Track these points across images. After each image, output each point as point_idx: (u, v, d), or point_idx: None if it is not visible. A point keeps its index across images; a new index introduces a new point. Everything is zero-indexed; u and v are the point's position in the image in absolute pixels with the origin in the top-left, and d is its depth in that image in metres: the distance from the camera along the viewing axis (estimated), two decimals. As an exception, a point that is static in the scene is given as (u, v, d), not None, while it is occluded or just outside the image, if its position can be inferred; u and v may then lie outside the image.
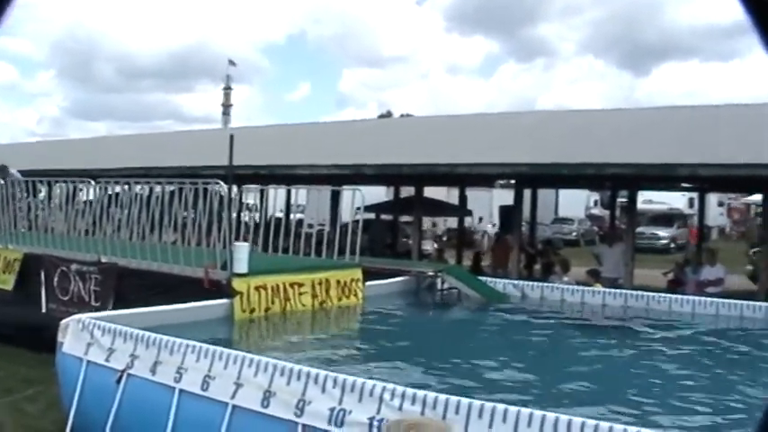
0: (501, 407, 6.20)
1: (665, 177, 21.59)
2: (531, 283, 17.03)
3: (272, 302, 12.73)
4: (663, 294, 15.77)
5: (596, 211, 52.15)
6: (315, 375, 7.16)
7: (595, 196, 52.53)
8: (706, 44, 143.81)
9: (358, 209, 17.16)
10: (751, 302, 14.91)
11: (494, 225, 38.99)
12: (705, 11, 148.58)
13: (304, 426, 6.99)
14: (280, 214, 22.98)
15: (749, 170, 17.58)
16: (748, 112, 23.12)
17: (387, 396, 6.70)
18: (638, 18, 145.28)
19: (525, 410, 6.12)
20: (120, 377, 8.54)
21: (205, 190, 13.43)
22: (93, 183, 16.24)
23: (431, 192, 29.02)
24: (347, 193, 18.23)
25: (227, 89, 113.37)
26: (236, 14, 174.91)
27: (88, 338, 9.21)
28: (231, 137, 13.86)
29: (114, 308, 12.50)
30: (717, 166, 17.96)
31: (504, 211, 29.56)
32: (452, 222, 35.55)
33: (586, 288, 16.19)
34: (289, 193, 24.80)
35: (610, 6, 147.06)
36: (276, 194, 19.62)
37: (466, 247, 29.42)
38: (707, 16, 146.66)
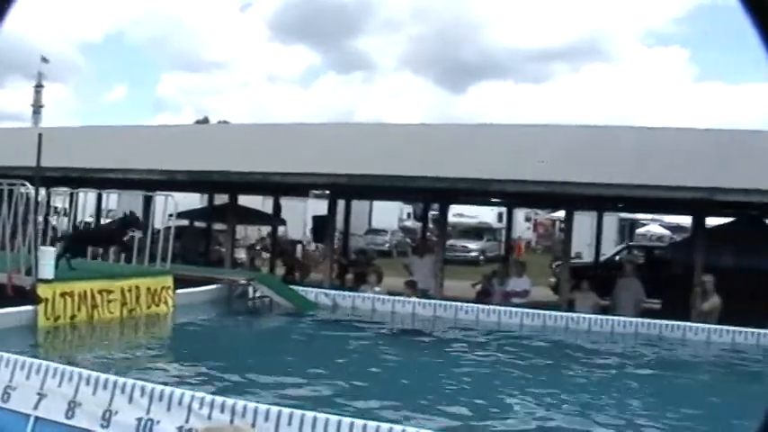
0: (310, 414, 6.27)
1: (475, 192, 22.21)
2: (342, 292, 17.23)
3: (79, 310, 12.41)
4: (470, 304, 16.28)
5: (409, 223, 52.93)
6: (122, 384, 7.02)
7: (409, 209, 53.35)
8: (520, 66, 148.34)
9: (170, 215, 16.92)
10: (552, 312, 15.64)
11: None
12: (521, 34, 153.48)
13: (111, 437, 6.84)
14: (90, 219, 22.39)
15: (553, 187, 18.35)
16: (554, 132, 24.13)
17: (195, 405, 6.65)
18: (457, 37, 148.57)
19: (333, 418, 6.21)
20: None
21: (10, 191, 12.98)
22: None
23: (247, 200, 28.84)
24: (160, 198, 17.94)
25: (39, 87, 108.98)
26: (52, 9, 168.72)
27: None
28: (40, 136, 13.43)
29: None
30: (524, 182, 18.64)
31: (318, 221, 29.67)
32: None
33: (397, 298, 16.50)
34: (99, 197, 24.19)
35: (430, 24, 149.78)
36: (86, 198, 19.04)
37: (279, 256, 29.36)
38: (522, 39, 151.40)
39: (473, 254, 43.88)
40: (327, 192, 23.54)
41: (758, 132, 23.36)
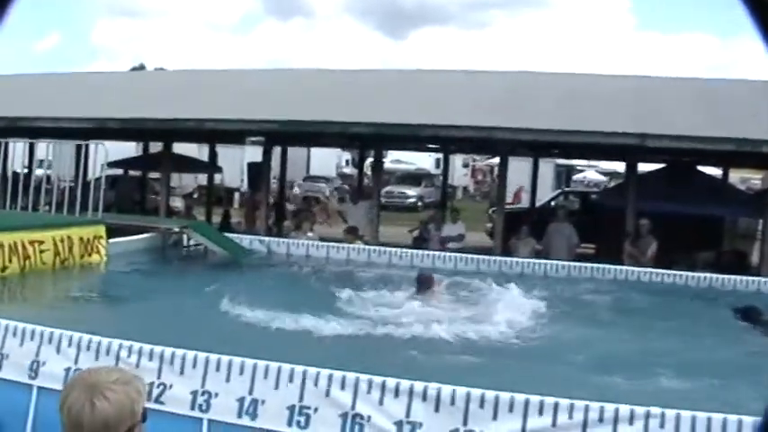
0: (237, 360, 6.32)
1: (407, 138, 22.34)
2: (277, 239, 17.30)
3: (10, 261, 12.24)
4: (405, 249, 16.45)
5: (348, 170, 52.94)
6: (49, 335, 6.96)
7: (347, 156, 53.33)
8: (461, 12, 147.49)
9: (102, 165, 16.76)
10: (486, 257, 15.89)
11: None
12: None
13: (39, 388, 6.80)
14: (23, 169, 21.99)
15: (485, 132, 18.50)
16: (489, 78, 24.22)
17: (124, 353, 6.66)
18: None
19: (261, 363, 6.26)
20: None
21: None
22: None
23: (183, 148, 28.65)
24: (93, 147, 17.73)
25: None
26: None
27: None
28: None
29: None
30: (456, 127, 18.75)
31: (253, 168, 29.55)
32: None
33: (331, 244, 16.61)
34: (32, 147, 23.77)
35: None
36: (15, 148, 18.70)
37: (215, 204, 29.26)
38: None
39: (411, 200, 44.08)
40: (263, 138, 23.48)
41: (689, 80, 23.71)
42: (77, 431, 2.57)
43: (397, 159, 46.96)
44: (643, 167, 22.08)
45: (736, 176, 33.99)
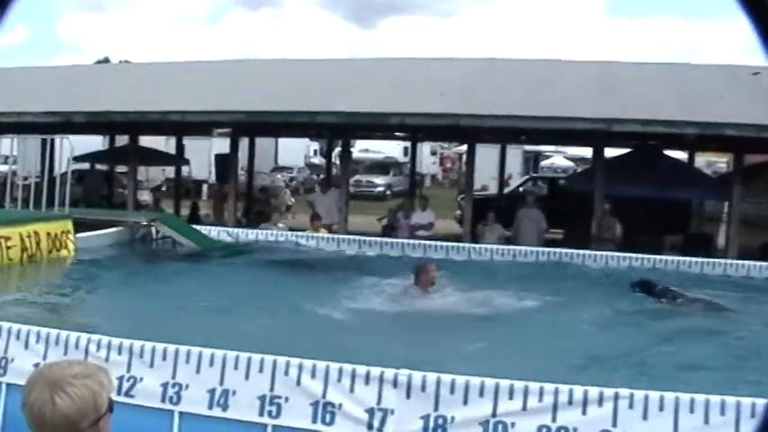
0: (207, 351, 6.31)
1: (375, 126, 22.30)
2: (245, 230, 17.26)
3: (-25, 258, 12.17)
4: (374, 238, 16.47)
5: (316, 160, 52.71)
6: (17, 331, 6.89)
7: (316, 146, 53.13)
8: (429, 1, 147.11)
9: (68, 159, 16.65)
10: (455, 243, 15.94)
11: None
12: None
13: (8, 384, 6.75)
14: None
15: (452, 119, 18.55)
16: (454, 65, 24.23)
17: (93, 348, 6.61)
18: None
19: (231, 354, 6.26)
20: None
21: None
22: None
23: (151, 141, 28.46)
24: (58, 142, 17.59)
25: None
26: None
27: None
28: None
29: None
30: (424, 115, 18.78)
31: (220, 159, 29.43)
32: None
33: (300, 233, 16.60)
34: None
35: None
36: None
37: (183, 196, 29.11)
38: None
39: (379, 189, 43.98)
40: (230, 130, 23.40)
41: (655, 65, 23.87)
42: (41, 428, 2.58)
43: (365, 148, 46.84)
44: (610, 152, 22.21)
45: (701, 160, 34.18)
